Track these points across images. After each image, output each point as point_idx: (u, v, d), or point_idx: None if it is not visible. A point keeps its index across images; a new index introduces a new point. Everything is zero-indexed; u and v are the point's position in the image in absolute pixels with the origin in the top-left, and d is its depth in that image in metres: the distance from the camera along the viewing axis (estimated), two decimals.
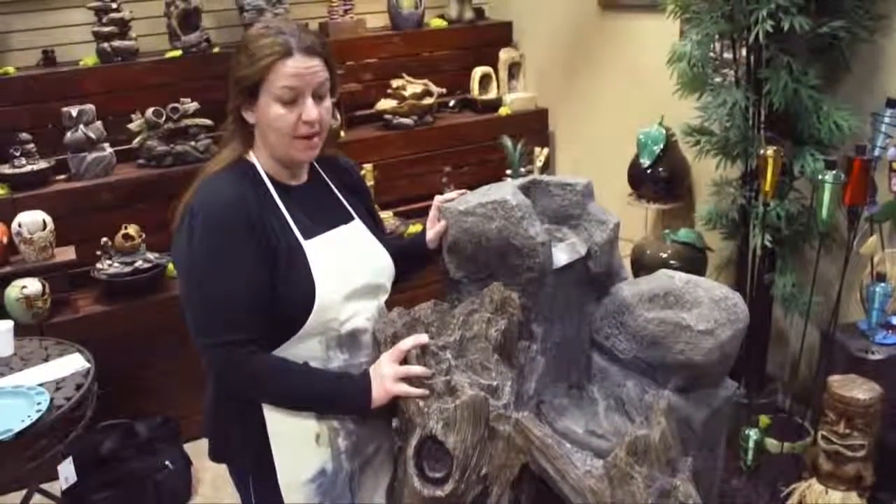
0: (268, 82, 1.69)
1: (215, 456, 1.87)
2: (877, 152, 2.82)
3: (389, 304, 1.90)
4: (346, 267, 1.78)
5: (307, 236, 1.74)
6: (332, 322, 1.75)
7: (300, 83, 1.70)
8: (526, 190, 1.86)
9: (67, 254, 3.52)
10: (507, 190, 1.78)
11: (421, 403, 1.69)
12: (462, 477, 1.69)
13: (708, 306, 1.71)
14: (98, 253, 3.55)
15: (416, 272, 2.06)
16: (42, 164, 3.71)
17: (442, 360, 1.72)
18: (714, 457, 1.82)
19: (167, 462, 3.24)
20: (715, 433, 1.79)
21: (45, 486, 3.20)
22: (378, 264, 1.87)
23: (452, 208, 1.82)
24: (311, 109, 1.71)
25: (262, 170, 1.77)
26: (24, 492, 2.86)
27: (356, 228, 1.87)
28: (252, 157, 1.79)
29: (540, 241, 1.72)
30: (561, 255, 1.79)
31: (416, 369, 1.71)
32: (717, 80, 3.18)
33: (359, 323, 1.80)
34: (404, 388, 1.71)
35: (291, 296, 1.70)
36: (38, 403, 2.48)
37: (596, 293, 1.88)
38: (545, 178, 1.95)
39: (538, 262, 1.73)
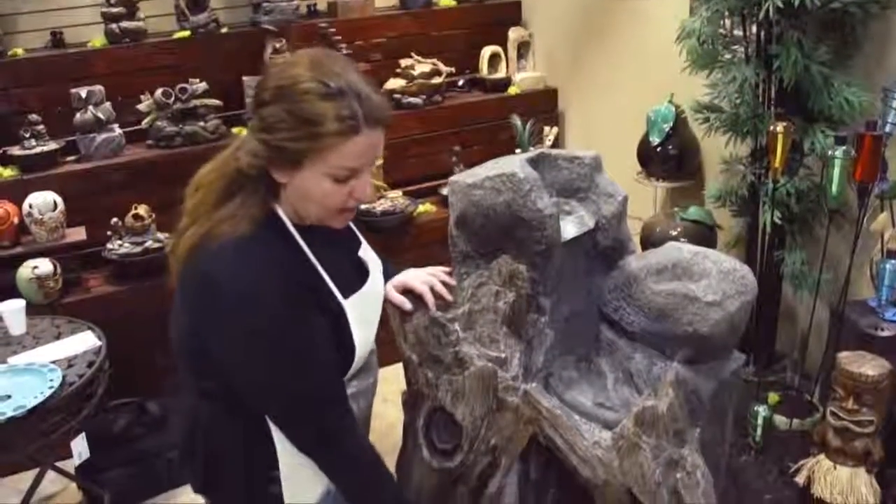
0: (322, 159, 1.42)
1: (206, 486, 1.73)
2: (888, 128, 2.81)
3: None
4: (373, 319, 1.70)
5: (345, 295, 1.58)
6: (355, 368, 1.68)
7: (363, 163, 1.46)
8: (534, 163, 1.86)
9: (78, 234, 3.53)
10: (515, 163, 1.78)
11: (430, 375, 1.69)
12: (471, 448, 1.70)
13: (716, 278, 1.71)
14: (108, 233, 3.57)
15: None
16: (52, 146, 3.72)
17: (450, 332, 1.72)
18: (722, 429, 1.82)
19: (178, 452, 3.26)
20: (723, 405, 1.80)
21: (59, 464, 3.23)
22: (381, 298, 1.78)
23: (461, 181, 1.82)
24: (365, 187, 1.49)
25: (290, 223, 1.54)
26: (37, 470, 2.89)
27: (377, 280, 1.75)
28: (278, 211, 1.53)
29: (548, 214, 1.72)
30: (569, 228, 1.79)
31: None
32: (727, 56, 3.16)
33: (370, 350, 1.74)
34: None
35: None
36: (51, 380, 2.50)
37: (604, 266, 1.88)
38: (553, 151, 1.94)
39: (546, 234, 1.73)
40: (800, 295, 3.24)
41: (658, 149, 3.63)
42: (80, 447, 2.57)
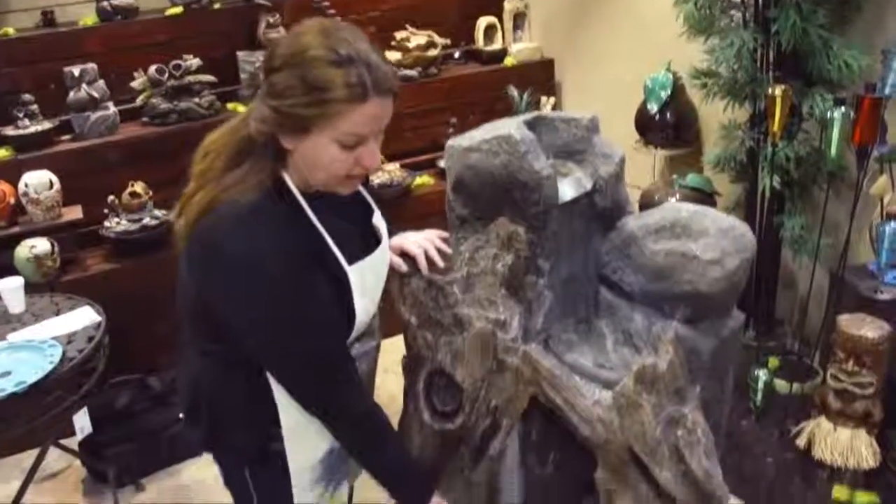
0: (330, 125, 1.43)
1: (209, 445, 1.78)
2: (888, 91, 2.79)
3: None
4: (377, 287, 1.72)
5: (350, 262, 1.59)
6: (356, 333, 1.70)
7: (370, 130, 1.47)
8: (531, 125, 1.84)
9: (75, 213, 3.53)
10: (511, 125, 1.77)
11: (429, 337, 1.69)
12: (471, 410, 1.70)
13: (715, 236, 1.71)
14: (105, 211, 3.56)
15: None
16: (46, 125, 3.70)
17: (449, 294, 1.72)
18: (722, 387, 1.82)
19: (181, 415, 3.26)
20: (723, 364, 1.79)
21: (62, 441, 3.24)
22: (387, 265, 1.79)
23: (457, 145, 1.81)
24: (373, 154, 1.50)
25: (297, 190, 1.55)
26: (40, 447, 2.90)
27: (385, 248, 1.75)
28: (286, 177, 1.54)
29: (545, 175, 1.71)
30: (567, 190, 1.78)
31: None
32: (725, 21, 3.14)
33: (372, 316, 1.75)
34: None
35: None
36: (51, 356, 2.50)
37: (602, 228, 1.87)
38: (550, 113, 1.93)
39: (544, 196, 1.72)
40: (799, 260, 3.24)
41: (656, 117, 3.62)
42: (82, 422, 2.58)
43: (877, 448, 2.87)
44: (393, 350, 1.98)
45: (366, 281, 1.62)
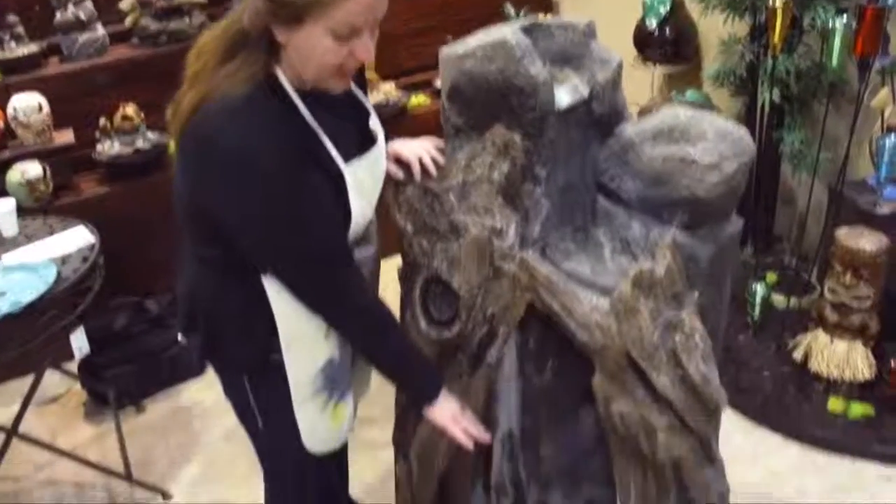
0: (325, 14, 1.40)
1: (207, 355, 1.78)
2: (891, 1, 2.73)
3: None
4: (373, 189, 1.70)
5: (346, 160, 1.57)
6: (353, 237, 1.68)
7: (364, 20, 1.44)
8: (527, 32, 1.80)
9: (66, 137, 3.48)
10: (506, 31, 1.73)
11: (425, 244, 1.68)
12: (468, 317, 1.70)
13: (713, 140, 1.68)
14: (97, 135, 3.52)
15: None
16: (33, 48, 3.63)
17: (444, 201, 1.70)
18: (720, 294, 1.81)
19: (179, 337, 3.26)
20: (721, 270, 1.78)
21: (61, 365, 3.26)
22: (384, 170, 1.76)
23: (451, 52, 1.78)
24: (367, 48, 1.48)
25: (291, 87, 1.51)
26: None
27: (381, 150, 1.73)
28: (278, 73, 1.51)
29: (541, 81, 1.67)
30: (563, 97, 1.75)
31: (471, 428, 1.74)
32: None
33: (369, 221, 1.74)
34: (455, 430, 1.73)
35: None
36: (46, 277, 2.49)
37: (600, 135, 1.84)
38: (546, 20, 1.89)
39: (540, 101, 1.68)
40: (798, 175, 3.22)
41: (655, 32, 3.56)
42: (79, 342, 2.58)
43: (873, 360, 2.89)
44: (388, 269, 1.97)
45: (362, 181, 1.60)
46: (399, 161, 1.79)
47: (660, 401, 1.68)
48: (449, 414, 1.74)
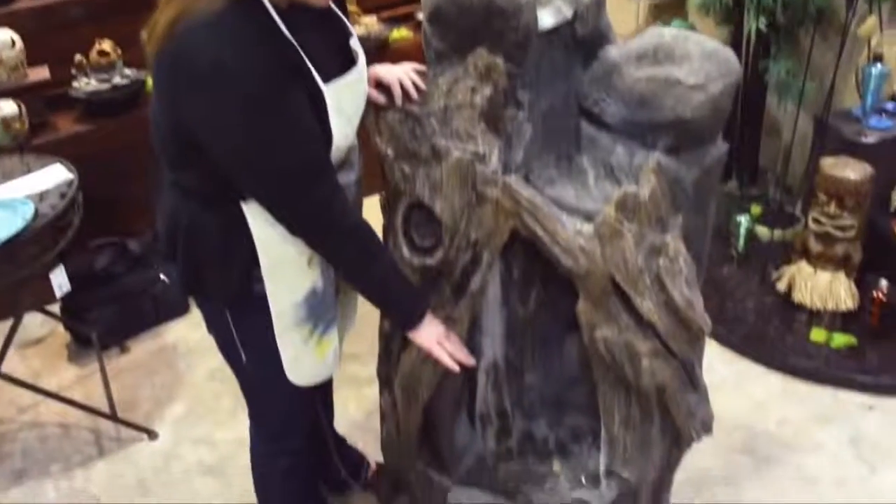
0: None
1: (188, 285, 1.74)
2: None
3: None
4: (354, 111, 1.65)
5: (325, 80, 1.53)
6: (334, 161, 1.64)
7: None
8: None
9: (41, 74, 3.40)
10: None
11: (406, 169, 1.65)
12: (451, 243, 1.68)
13: (699, 60, 1.65)
14: (73, 72, 3.44)
15: None
16: None
17: (425, 125, 1.67)
18: (705, 219, 1.80)
19: (162, 276, 3.26)
20: (706, 194, 1.77)
21: (44, 307, 3.24)
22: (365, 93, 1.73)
23: None
24: None
25: (269, 3, 1.47)
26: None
27: (362, 71, 1.68)
28: None
29: (524, 1, 1.63)
30: (546, 18, 1.71)
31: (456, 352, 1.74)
32: None
33: (351, 144, 1.72)
34: (441, 353, 1.73)
35: None
36: (24, 213, 2.45)
37: (583, 58, 1.81)
38: None
39: (522, 23, 1.64)
40: (784, 106, 3.19)
41: None
42: (59, 279, 2.54)
43: (855, 291, 2.90)
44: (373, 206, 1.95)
45: (342, 102, 1.56)
46: (380, 85, 1.76)
47: (644, 326, 1.68)
48: (434, 337, 1.73)
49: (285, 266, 1.65)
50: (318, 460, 2.21)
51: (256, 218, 1.58)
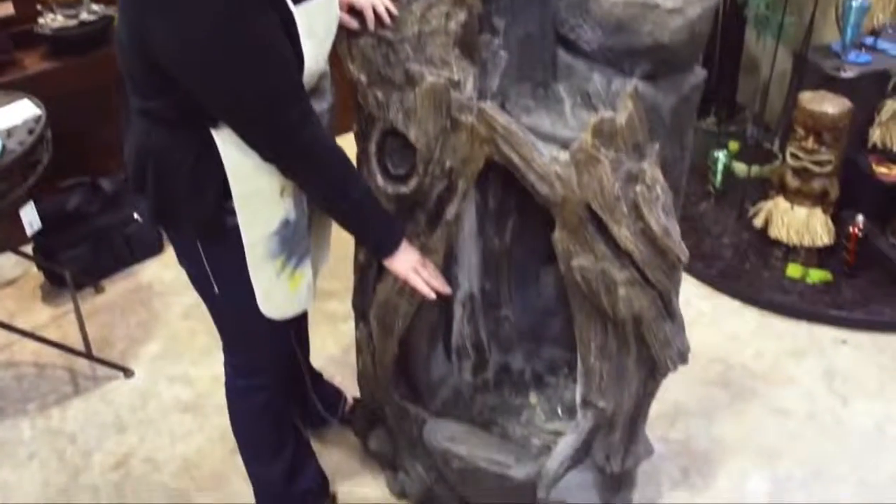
0: None
1: (158, 217, 1.72)
2: None
3: None
4: (325, 36, 1.61)
5: (296, 1, 1.49)
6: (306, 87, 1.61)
7: None
8: None
9: (5, 9, 3.33)
10: None
11: (380, 95, 1.62)
12: (426, 171, 1.65)
13: None
14: (39, 7, 3.35)
15: None
16: None
17: (399, 50, 1.63)
18: (682, 147, 1.78)
19: (135, 215, 3.21)
20: (684, 120, 1.75)
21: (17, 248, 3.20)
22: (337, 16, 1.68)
23: None
24: None
25: None
26: None
27: None
28: None
29: None
30: None
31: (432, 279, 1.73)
32: None
33: (323, 71, 1.68)
34: (416, 280, 1.71)
35: None
36: None
37: None
38: None
39: None
40: (762, 42, 3.17)
41: None
42: (29, 216, 2.50)
43: (832, 226, 2.91)
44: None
45: (314, 24, 1.52)
46: (352, 10, 1.71)
47: (621, 255, 1.66)
48: (410, 264, 1.71)
49: (257, 196, 1.62)
50: (294, 395, 2.21)
51: (227, 145, 1.54)
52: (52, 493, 2.41)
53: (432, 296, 1.73)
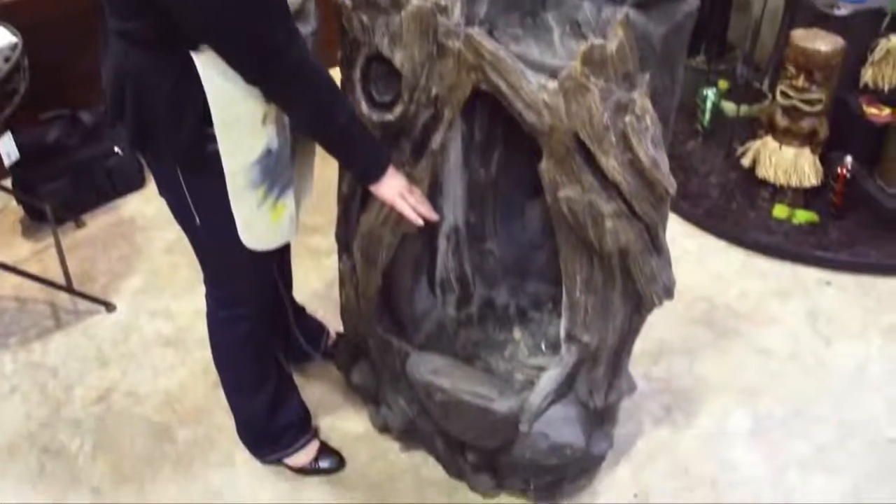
0: None
1: (137, 144, 1.67)
2: None
3: None
4: None
5: None
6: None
7: None
8: None
9: None
10: None
11: (365, 19, 1.57)
12: (411, 98, 1.62)
13: None
14: None
15: None
16: None
17: None
18: (672, 77, 1.75)
19: (115, 148, 3.16)
20: (675, 50, 1.71)
21: None
22: None
23: None
24: None
25: None
26: None
27: None
28: None
29: None
30: None
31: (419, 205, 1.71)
32: None
33: None
34: (403, 206, 1.68)
35: None
36: None
37: None
38: None
39: None
40: None
41: None
42: (7, 147, 2.45)
43: (819, 167, 2.90)
44: None
45: None
46: None
47: (608, 186, 1.64)
48: (396, 190, 1.69)
49: (238, 123, 1.58)
50: (276, 329, 2.19)
51: (208, 69, 1.50)
52: (33, 427, 2.40)
53: (419, 222, 1.71)
